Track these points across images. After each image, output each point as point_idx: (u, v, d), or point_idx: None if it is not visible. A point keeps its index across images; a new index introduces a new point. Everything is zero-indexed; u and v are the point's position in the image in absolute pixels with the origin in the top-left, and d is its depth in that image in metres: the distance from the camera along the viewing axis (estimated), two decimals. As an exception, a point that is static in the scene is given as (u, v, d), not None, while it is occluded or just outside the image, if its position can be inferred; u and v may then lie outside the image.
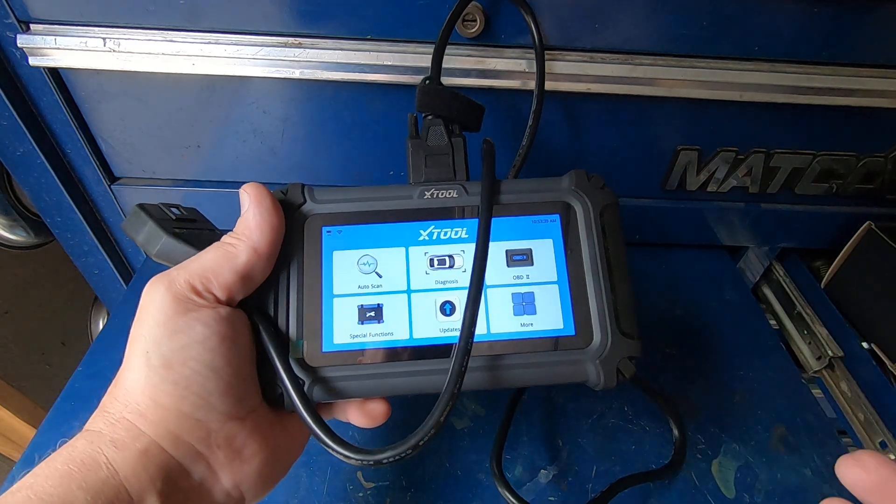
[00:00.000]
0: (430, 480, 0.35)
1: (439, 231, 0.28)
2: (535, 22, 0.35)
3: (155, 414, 0.22)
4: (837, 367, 0.46)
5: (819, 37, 0.36)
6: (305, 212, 0.28)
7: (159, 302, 0.23)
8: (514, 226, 0.29)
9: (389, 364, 0.27)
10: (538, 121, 0.37)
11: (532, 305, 0.28)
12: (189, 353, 0.23)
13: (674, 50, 0.37)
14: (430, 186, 0.29)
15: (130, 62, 0.36)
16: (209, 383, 0.23)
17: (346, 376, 0.26)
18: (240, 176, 0.44)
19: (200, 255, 0.25)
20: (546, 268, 0.28)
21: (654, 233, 0.51)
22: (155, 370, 0.23)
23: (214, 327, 0.24)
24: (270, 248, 0.26)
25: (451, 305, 0.28)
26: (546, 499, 0.35)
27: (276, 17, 0.35)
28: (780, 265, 0.54)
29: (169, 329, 0.23)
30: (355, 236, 0.28)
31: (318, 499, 0.34)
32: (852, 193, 0.46)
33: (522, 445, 0.38)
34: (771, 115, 0.40)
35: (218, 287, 0.25)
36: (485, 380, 0.27)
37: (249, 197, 0.26)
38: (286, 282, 0.27)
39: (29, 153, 0.40)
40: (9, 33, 0.35)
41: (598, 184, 0.29)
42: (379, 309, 0.27)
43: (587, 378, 0.27)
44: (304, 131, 0.41)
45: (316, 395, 0.26)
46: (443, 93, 0.31)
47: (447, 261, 0.28)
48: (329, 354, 0.26)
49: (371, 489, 0.35)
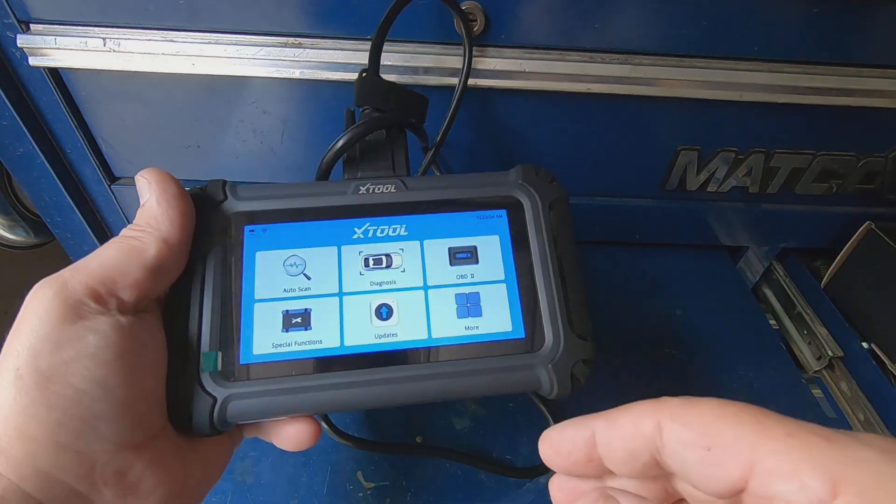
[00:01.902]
0: (430, 480, 0.35)
1: (375, 229, 0.26)
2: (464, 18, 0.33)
3: (19, 448, 0.18)
4: (837, 367, 0.46)
5: (819, 37, 0.36)
6: (226, 209, 0.25)
7: (44, 308, 0.19)
8: (458, 221, 0.27)
9: (317, 376, 0.24)
10: (455, 114, 0.36)
11: (477, 307, 0.25)
12: (73, 369, 0.19)
13: (674, 50, 0.37)
14: (366, 182, 0.27)
15: (130, 62, 0.36)
16: (97, 405, 0.19)
17: (266, 391, 0.23)
18: (240, 176, 0.44)
19: (98, 253, 0.21)
20: (492, 266, 0.26)
21: (653, 233, 0.51)
22: (25, 392, 0.18)
23: (111, 338, 0.20)
24: (182, 237, 0.23)
25: (387, 309, 0.25)
26: (546, 499, 0.35)
27: (276, 17, 0.35)
28: (779, 265, 0.54)
29: (52, 341, 0.19)
30: (281, 235, 0.26)
31: (318, 499, 0.34)
32: (852, 193, 0.46)
33: (522, 445, 0.38)
34: (771, 115, 0.40)
35: (124, 287, 0.21)
36: (427, 391, 0.24)
37: (150, 183, 0.23)
38: (199, 287, 0.24)
39: (29, 153, 0.40)
40: (9, 33, 0.35)
41: (547, 178, 0.28)
42: (306, 314, 0.24)
43: (539, 385, 0.25)
44: (304, 131, 0.41)
45: (231, 414, 0.23)
46: (381, 85, 0.30)
47: (384, 260, 0.26)
48: (247, 367, 0.23)
49: (371, 489, 0.35)
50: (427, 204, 0.27)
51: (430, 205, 0.27)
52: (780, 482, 0.14)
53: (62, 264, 0.21)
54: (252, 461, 0.36)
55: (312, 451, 0.35)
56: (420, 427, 0.38)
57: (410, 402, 0.24)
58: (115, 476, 0.20)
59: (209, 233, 0.25)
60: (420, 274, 0.26)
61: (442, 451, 0.36)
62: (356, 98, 0.30)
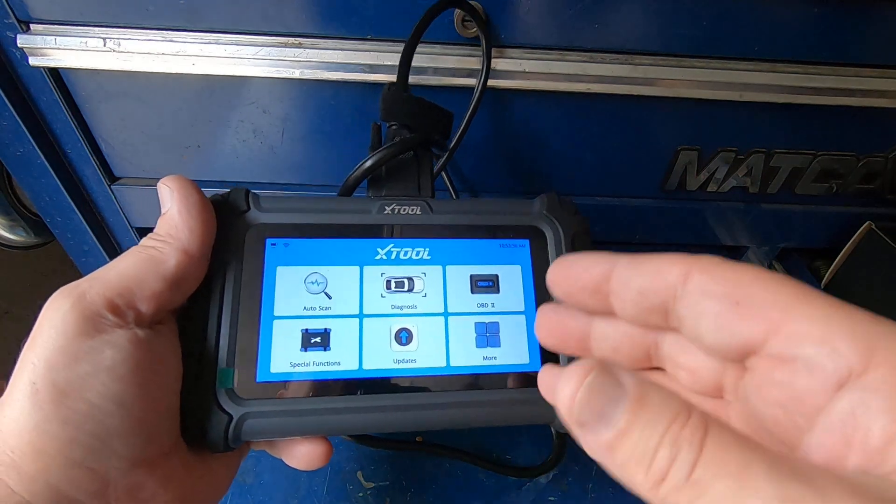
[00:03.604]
0: (430, 480, 0.35)
1: (399, 251, 0.26)
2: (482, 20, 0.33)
3: (33, 465, 0.18)
4: (837, 367, 0.46)
5: (819, 37, 0.36)
6: (248, 220, 0.25)
7: (61, 320, 0.19)
8: (481, 249, 0.26)
9: (334, 399, 0.23)
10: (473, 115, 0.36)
11: (496, 337, 0.25)
12: (90, 384, 0.19)
13: (674, 50, 0.37)
14: (392, 202, 0.26)
15: (130, 62, 0.36)
16: (111, 421, 0.19)
17: (283, 411, 0.23)
18: (240, 176, 0.44)
19: (116, 264, 0.21)
20: (513, 296, 0.26)
21: (653, 233, 0.51)
22: (40, 407, 0.18)
23: (129, 352, 0.20)
24: (202, 248, 0.22)
25: (407, 334, 0.25)
26: (546, 499, 0.35)
27: (276, 17, 0.35)
28: (780, 265, 0.54)
29: (68, 354, 0.19)
30: (303, 251, 0.25)
31: (318, 499, 0.34)
32: (852, 193, 0.46)
33: (522, 445, 0.38)
34: (771, 115, 0.40)
35: (143, 299, 0.21)
36: (442, 419, 0.24)
37: (172, 192, 0.22)
38: (219, 300, 0.23)
39: (29, 153, 0.40)
40: (9, 33, 0.35)
41: (571, 209, 0.28)
42: (326, 334, 0.24)
43: (553, 419, 0.24)
44: (304, 131, 0.41)
45: (246, 432, 0.22)
46: (409, 100, 0.29)
47: (405, 283, 0.25)
48: (264, 385, 0.23)
49: (371, 489, 0.35)
50: (451, 228, 0.27)
51: (454, 229, 0.27)
52: (810, 344, 0.13)
53: (62, 264, 0.21)
54: (252, 461, 0.36)
55: (312, 451, 0.36)
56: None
57: (425, 428, 0.24)
58: (128, 493, 0.20)
59: (229, 243, 0.24)
60: (441, 300, 0.25)
61: (442, 450, 0.36)
62: (382, 114, 0.29)
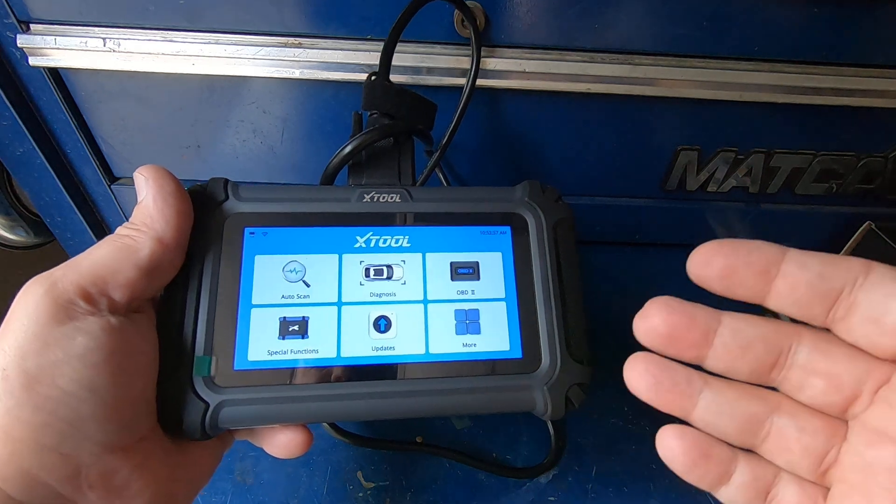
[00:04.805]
0: (430, 480, 0.35)
1: (378, 238, 0.26)
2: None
3: (4, 449, 0.18)
4: (837, 367, 0.46)
5: (819, 37, 0.36)
6: (226, 210, 0.25)
7: (34, 308, 0.19)
8: (461, 236, 0.26)
9: (312, 386, 0.23)
10: (462, 115, 0.35)
11: (476, 324, 0.25)
12: (61, 371, 0.19)
13: (674, 50, 0.37)
14: (371, 190, 0.26)
15: (130, 62, 0.36)
16: (84, 407, 0.19)
17: (260, 399, 0.23)
18: (240, 176, 0.43)
19: (90, 252, 0.21)
20: (493, 283, 0.26)
21: (653, 233, 0.51)
22: (11, 393, 0.18)
23: (101, 339, 0.20)
24: (178, 237, 0.22)
25: (386, 321, 0.25)
26: (546, 499, 0.35)
27: (276, 17, 0.35)
28: (780, 265, 0.54)
29: (40, 341, 0.19)
30: (282, 239, 0.25)
31: (318, 499, 0.34)
32: (852, 193, 0.46)
33: (522, 445, 0.38)
34: (771, 115, 0.40)
35: (116, 287, 0.21)
36: (421, 407, 0.24)
37: (147, 180, 0.22)
38: (196, 288, 0.24)
39: (29, 153, 0.40)
40: (9, 33, 0.35)
41: (553, 196, 0.27)
42: (304, 322, 0.24)
43: (533, 407, 0.25)
44: (304, 131, 0.41)
45: (223, 420, 0.22)
46: (391, 89, 0.29)
47: (385, 271, 0.25)
48: (241, 373, 0.23)
49: (371, 489, 0.35)
50: (431, 216, 0.27)
51: (434, 217, 0.27)
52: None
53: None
54: (252, 461, 0.36)
55: (312, 452, 0.35)
56: (420, 427, 0.38)
57: (403, 416, 0.24)
58: (101, 479, 0.20)
59: (208, 232, 0.24)
60: (421, 287, 0.26)
61: (442, 450, 0.36)
62: (364, 102, 0.29)
